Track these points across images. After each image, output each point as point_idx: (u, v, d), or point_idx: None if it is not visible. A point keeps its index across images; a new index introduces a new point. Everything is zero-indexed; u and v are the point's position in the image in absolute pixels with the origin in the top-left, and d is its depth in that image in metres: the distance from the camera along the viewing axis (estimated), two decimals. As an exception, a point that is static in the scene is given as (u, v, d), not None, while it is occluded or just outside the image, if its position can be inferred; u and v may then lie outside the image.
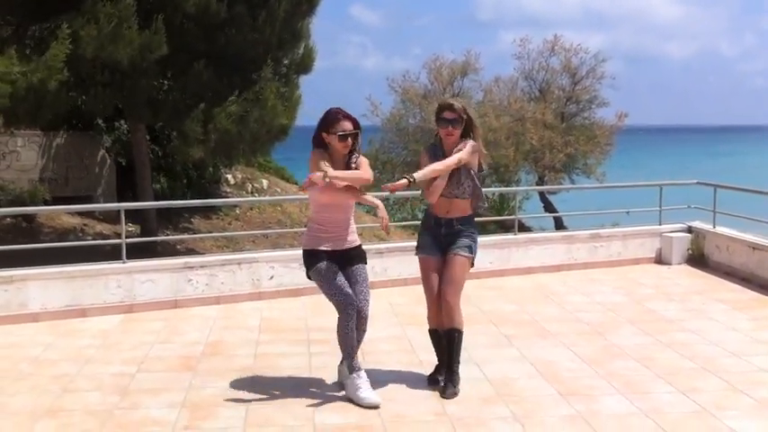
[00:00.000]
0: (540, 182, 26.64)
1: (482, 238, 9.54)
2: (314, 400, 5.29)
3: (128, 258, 7.88)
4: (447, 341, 5.59)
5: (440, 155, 5.44)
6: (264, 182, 19.33)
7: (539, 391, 5.47)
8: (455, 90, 27.56)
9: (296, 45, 15.35)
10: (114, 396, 5.35)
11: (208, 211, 17.66)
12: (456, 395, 5.38)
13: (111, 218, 16.98)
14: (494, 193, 26.97)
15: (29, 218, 15.89)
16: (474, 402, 5.26)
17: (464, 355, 6.23)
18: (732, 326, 7.14)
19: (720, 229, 9.77)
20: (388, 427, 4.84)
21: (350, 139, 5.32)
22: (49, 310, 7.35)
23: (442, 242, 5.57)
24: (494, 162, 25.30)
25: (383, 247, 8.99)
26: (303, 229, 11.81)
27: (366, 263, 5.55)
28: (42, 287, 7.35)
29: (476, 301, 8.04)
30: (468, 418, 5.00)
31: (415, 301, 8.06)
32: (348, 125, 5.31)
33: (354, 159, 5.40)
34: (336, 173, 5.15)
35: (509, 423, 4.91)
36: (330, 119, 5.32)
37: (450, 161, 5.32)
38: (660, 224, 10.26)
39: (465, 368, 5.92)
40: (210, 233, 15.95)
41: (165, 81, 13.96)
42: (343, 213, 5.41)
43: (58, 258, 7.90)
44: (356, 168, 5.36)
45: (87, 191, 17.69)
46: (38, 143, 17.51)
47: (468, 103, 5.30)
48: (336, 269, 5.31)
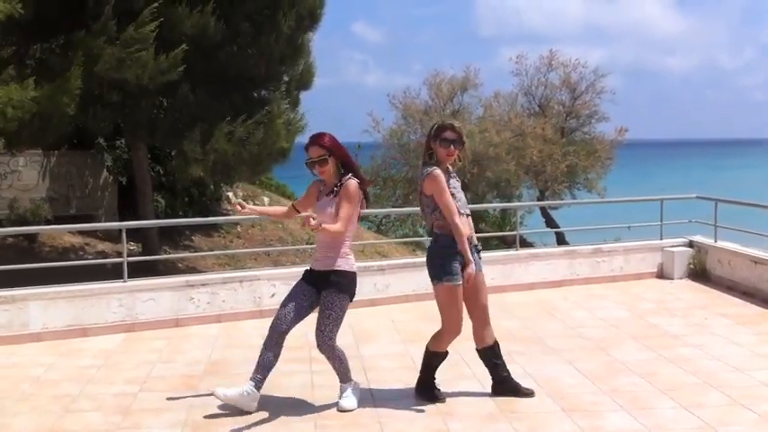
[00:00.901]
0: (542, 196, 26.64)
1: (484, 254, 9.59)
2: (316, 418, 5.28)
3: (129, 277, 7.88)
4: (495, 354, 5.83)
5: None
6: (266, 199, 19.35)
7: (542, 408, 5.45)
8: (455, 106, 27.59)
9: (297, 61, 15.40)
10: (116, 416, 5.33)
11: (209, 229, 17.66)
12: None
13: (113, 237, 16.98)
14: (495, 209, 27.02)
15: (30, 237, 15.90)
16: (477, 419, 5.25)
17: (466, 371, 6.25)
18: (734, 340, 7.12)
19: (722, 244, 9.77)
20: (390, 446, 4.83)
21: (316, 165, 5.33)
22: (51, 329, 7.35)
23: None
24: (494, 177, 25.33)
25: (385, 263, 9.00)
26: (305, 246, 11.83)
27: (340, 291, 5.44)
28: (44, 307, 7.36)
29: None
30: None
31: (418, 318, 8.07)
32: (311, 151, 5.35)
33: (341, 182, 5.37)
34: (322, 227, 5.07)
35: (512, 440, 4.90)
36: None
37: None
38: (661, 239, 10.26)
39: (468, 384, 5.93)
40: (212, 251, 15.93)
41: (164, 101, 14.01)
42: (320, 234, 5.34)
43: (60, 278, 7.90)
44: (338, 191, 5.35)
45: (88, 210, 17.70)
46: (39, 162, 17.55)
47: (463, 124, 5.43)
48: (303, 289, 5.43)
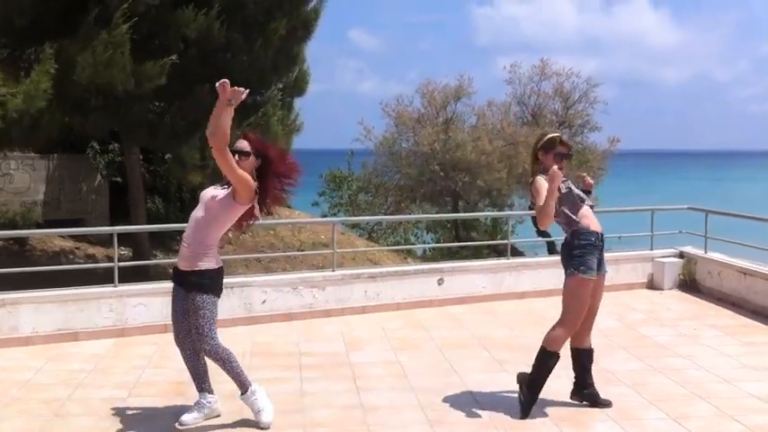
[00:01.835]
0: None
1: (474, 263, 9.63)
2: (305, 426, 5.28)
3: (120, 281, 7.86)
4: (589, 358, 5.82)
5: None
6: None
7: (531, 417, 5.45)
8: (448, 114, 27.66)
9: (291, 69, 15.46)
10: (105, 421, 5.32)
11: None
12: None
13: (104, 241, 16.95)
14: (486, 218, 27.03)
15: (21, 241, 15.85)
16: (466, 428, 5.25)
17: (456, 379, 6.26)
18: (723, 351, 7.15)
19: (712, 255, 9.81)
20: (379, 453, 4.83)
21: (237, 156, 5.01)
22: (41, 333, 7.32)
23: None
24: (486, 185, 25.38)
25: (376, 271, 9.01)
26: (295, 253, 11.81)
27: (194, 291, 5.02)
28: (34, 311, 7.33)
29: (468, 325, 8.05)
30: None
31: (409, 326, 8.08)
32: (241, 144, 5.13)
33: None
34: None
35: (501, 449, 4.91)
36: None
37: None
38: (652, 249, 10.30)
39: (457, 392, 5.93)
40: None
41: (162, 104, 14.01)
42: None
43: (51, 282, 7.89)
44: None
45: (80, 213, 17.67)
46: (31, 166, 17.52)
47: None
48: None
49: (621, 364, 6.73)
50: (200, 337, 5.03)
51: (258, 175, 5.07)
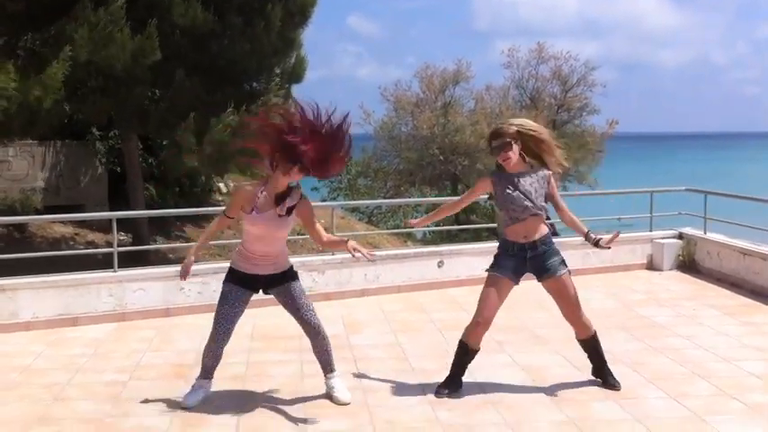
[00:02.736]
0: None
1: (474, 245, 9.63)
2: (306, 408, 5.30)
3: (120, 267, 7.87)
4: (594, 347, 5.76)
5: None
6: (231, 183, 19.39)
7: (530, 398, 5.47)
8: (446, 98, 27.66)
9: (288, 55, 15.43)
10: (106, 404, 5.34)
11: (200, 220, 17.67)
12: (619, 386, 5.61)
13: (103, 227, 16.95)
14: (485, 201, 27.06)
15: (21, 227, 15.85)
16: (465, 408, 5.27)
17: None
18: (722, 331, 7.17)
19: (711, 236, 9.81)
20: (379, 434, 4.84)
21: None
22: (41, 319, 7.33)
23: (527, 266, 5.52)
24: (486, 169, 25.39)
25: (376, 254, 8.99)
26: (295, 237, 11.86)
27: (295, 279, 5.49)
28: (34, 296, 7.34)
29: (468, 308, 8.05)
30: (460, 424, 5.00)
31: (408, 309, 8.10)
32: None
33: (294, 198, 5.14)
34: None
35: (500, 429, 4.92)
36: None
37: None
38: (651, 230, 10.30)
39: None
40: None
41: (156, 91, 13.99)
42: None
43: (50, 268, 7.89)
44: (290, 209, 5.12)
45: (79, 200, 17.67)
46: (30, 152, 17.49)
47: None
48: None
49: (620, 345, 6.75)
50: (313, 313, 5.37)
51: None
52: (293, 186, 5.13)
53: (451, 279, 9.01)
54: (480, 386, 5.70)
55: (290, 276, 5.38)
